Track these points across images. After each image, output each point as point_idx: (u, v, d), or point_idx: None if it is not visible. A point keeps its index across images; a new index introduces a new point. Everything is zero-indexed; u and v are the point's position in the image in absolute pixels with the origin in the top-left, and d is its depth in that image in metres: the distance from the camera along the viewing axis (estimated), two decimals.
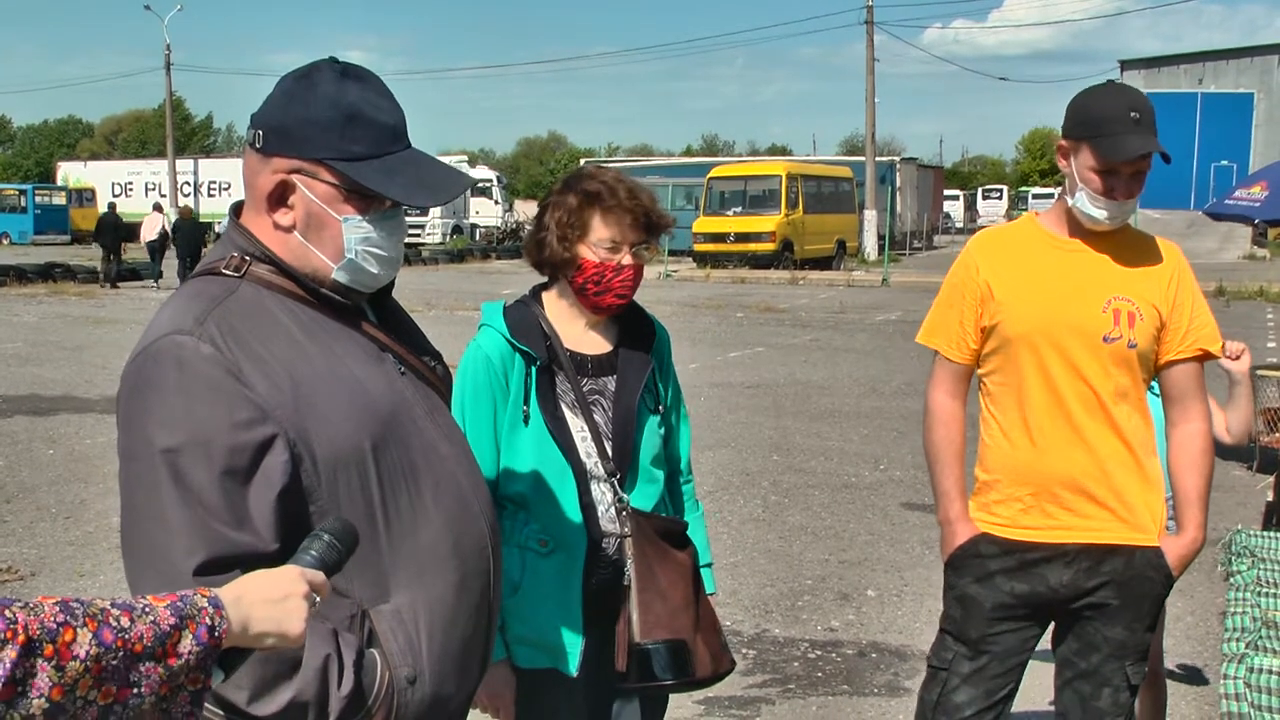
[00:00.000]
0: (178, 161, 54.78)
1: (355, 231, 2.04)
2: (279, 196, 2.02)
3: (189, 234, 27.98)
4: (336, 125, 1.98)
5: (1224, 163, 57.63)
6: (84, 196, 52.84)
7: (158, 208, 32.89)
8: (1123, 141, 3.08)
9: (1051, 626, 3.41)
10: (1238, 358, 3.84)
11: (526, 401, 2.88)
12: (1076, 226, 3.24)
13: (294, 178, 2.01)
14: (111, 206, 33.29)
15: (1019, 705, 3.61)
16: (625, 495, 2.92)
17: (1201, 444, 3.25)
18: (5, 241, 49.12)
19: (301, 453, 1.91)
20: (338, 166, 1.99)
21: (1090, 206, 3.15)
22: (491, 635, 2.25)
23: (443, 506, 2.09)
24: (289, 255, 2.04)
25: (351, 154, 1.99)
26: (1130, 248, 3.26)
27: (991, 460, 3.32)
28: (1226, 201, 12.16)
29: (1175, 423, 3.29)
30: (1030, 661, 3.42)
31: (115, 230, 30.38)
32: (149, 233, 29.85)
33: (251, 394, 1.88)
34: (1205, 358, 3.27)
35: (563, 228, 2.89)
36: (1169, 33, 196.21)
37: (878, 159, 43.03)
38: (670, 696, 3.19)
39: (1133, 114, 3.09)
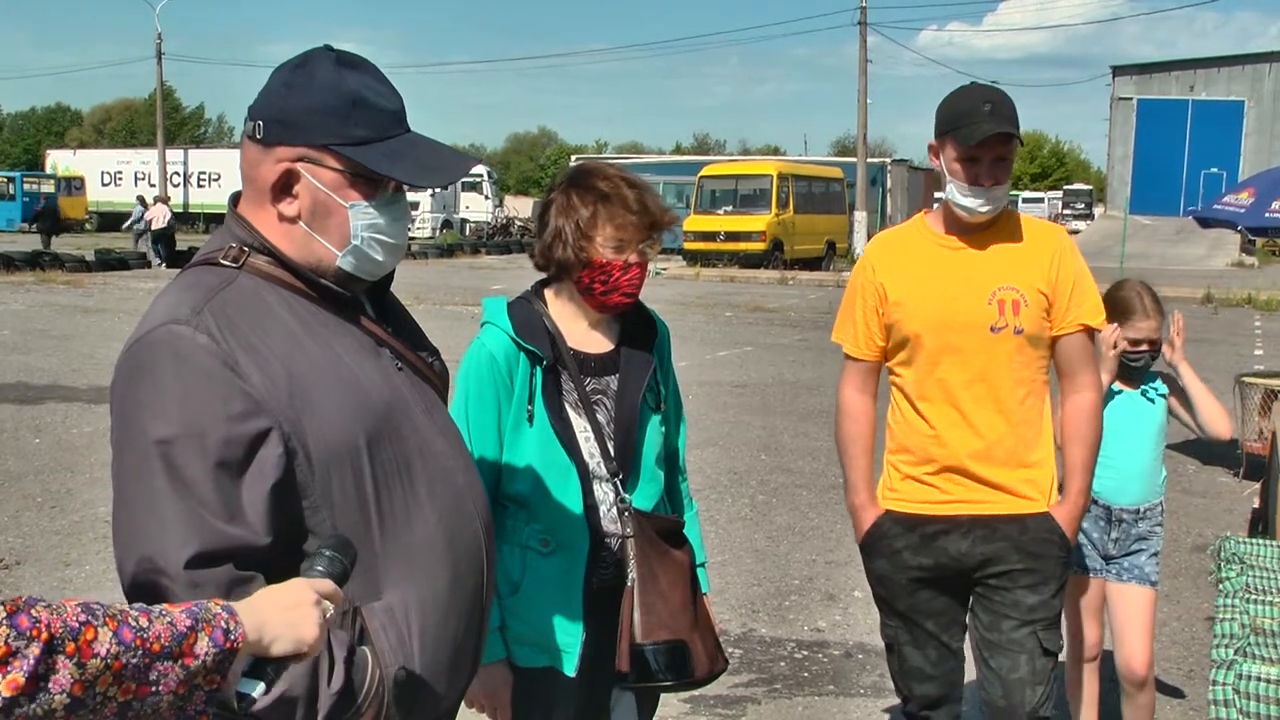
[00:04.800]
0: (168, 151, 54.56)
1: (362, 217, 2.03)
2: (283, 186, 2.01)
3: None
4: (340, 111, 1.97)
5: (1214, 169, 57.71)
6: (73, 185, 52.59)
7: (160, 199, 35.81)
8: (976, 129, 3.22)
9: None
10: (1114, 345, 4.13)
11: (531, 401, 2.85)
12: (958, 223, 3.39)
13: (299, 166, 1.99)
14: (48, 198, 42.62)
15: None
16: (627, 496, 2.91)
17: (1087, 414, 3.44)
18: None
19: (296, 447, 1.90)
20: (344, 152, 1.99)
21: (961, 197, 3.31)
22: (484, 633, 2.23)
23: (437, 503, 2.07)
24: (291, 247, 2.03)
25: (355, 139, 1.99)
26: (1012, 237, 3.41)
27: (895, 443, 3.52)
28: (1214, 206, 12.20)
29: (1065, 394, 3.48)
30: None
31: (56, 219, 39.03)
32: (158, 221, 32.80)
33: (247, 386, 1.86)
34: (1089, 331, 3.44)
35: (572, 229, 2.85)
36: (1162, 39, 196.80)
37: (869, 160, 43.09)
38: (659, 695, 3.19)
39: (986, 105, 3.26)
